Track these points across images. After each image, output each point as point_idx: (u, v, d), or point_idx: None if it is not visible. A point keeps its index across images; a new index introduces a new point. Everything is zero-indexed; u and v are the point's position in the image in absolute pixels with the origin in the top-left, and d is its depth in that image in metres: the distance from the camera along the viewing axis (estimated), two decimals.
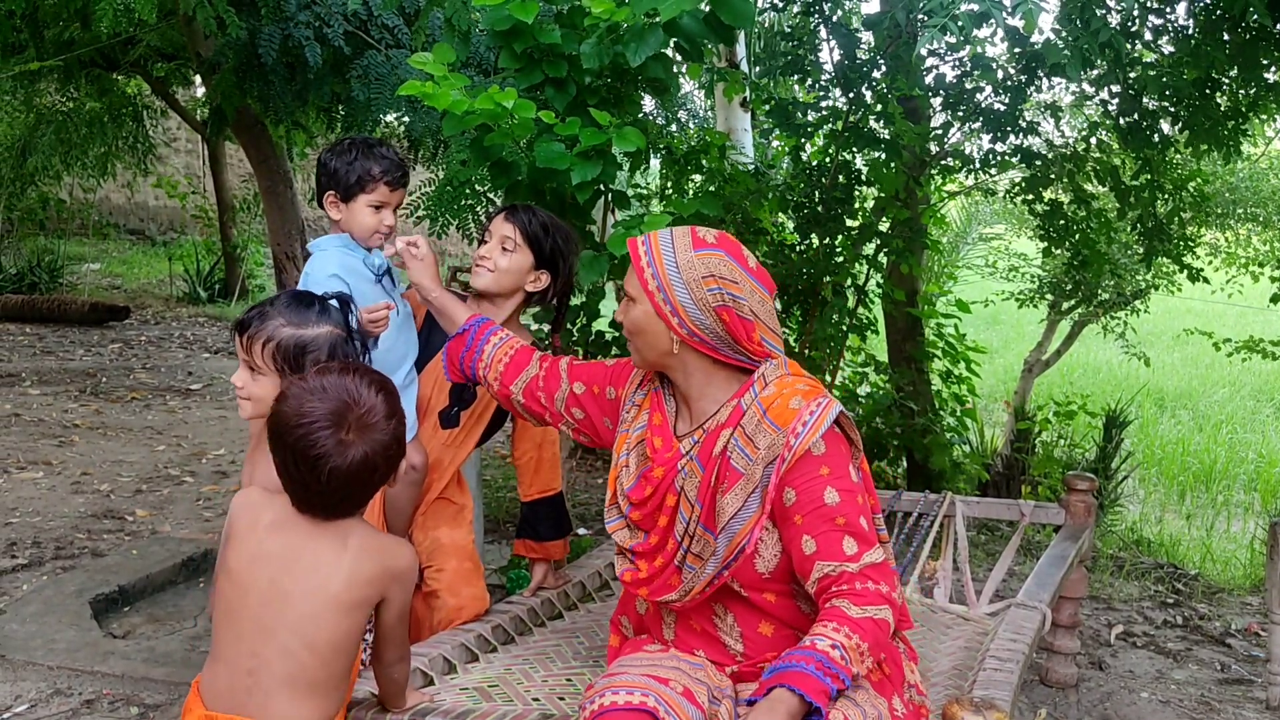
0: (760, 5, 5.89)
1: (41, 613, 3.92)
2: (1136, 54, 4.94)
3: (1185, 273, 6.00)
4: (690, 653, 2.17)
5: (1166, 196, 5.46)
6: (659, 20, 3.05)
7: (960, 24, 2.92)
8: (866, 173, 5.11)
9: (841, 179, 4.97)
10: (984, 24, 3.14)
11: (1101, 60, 4.19)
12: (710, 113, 9.11)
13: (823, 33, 5.32)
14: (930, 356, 6.26)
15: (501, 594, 3.73)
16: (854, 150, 5.04)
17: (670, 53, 3.40)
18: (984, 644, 2.78)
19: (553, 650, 2.67)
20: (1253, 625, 4.72)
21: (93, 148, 10.85)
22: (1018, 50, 4.75)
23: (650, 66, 3.15)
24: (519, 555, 2.98)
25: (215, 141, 11.96)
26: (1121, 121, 5.03)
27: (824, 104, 5.23)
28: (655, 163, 5.23)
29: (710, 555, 2.08)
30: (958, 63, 4.98)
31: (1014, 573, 4.64)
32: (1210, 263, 7.75)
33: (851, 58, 4.92)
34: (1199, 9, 4.68)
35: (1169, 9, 4.80)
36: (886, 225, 5.03)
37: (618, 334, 4.33)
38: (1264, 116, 5.32)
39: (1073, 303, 7.39)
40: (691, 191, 5.08)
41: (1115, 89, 5.04)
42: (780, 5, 5.78)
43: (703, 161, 4.87)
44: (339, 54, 5.48)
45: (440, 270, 2.67)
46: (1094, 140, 5.53)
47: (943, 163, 5.30)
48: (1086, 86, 5.52)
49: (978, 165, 5.12)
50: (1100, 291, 7.11)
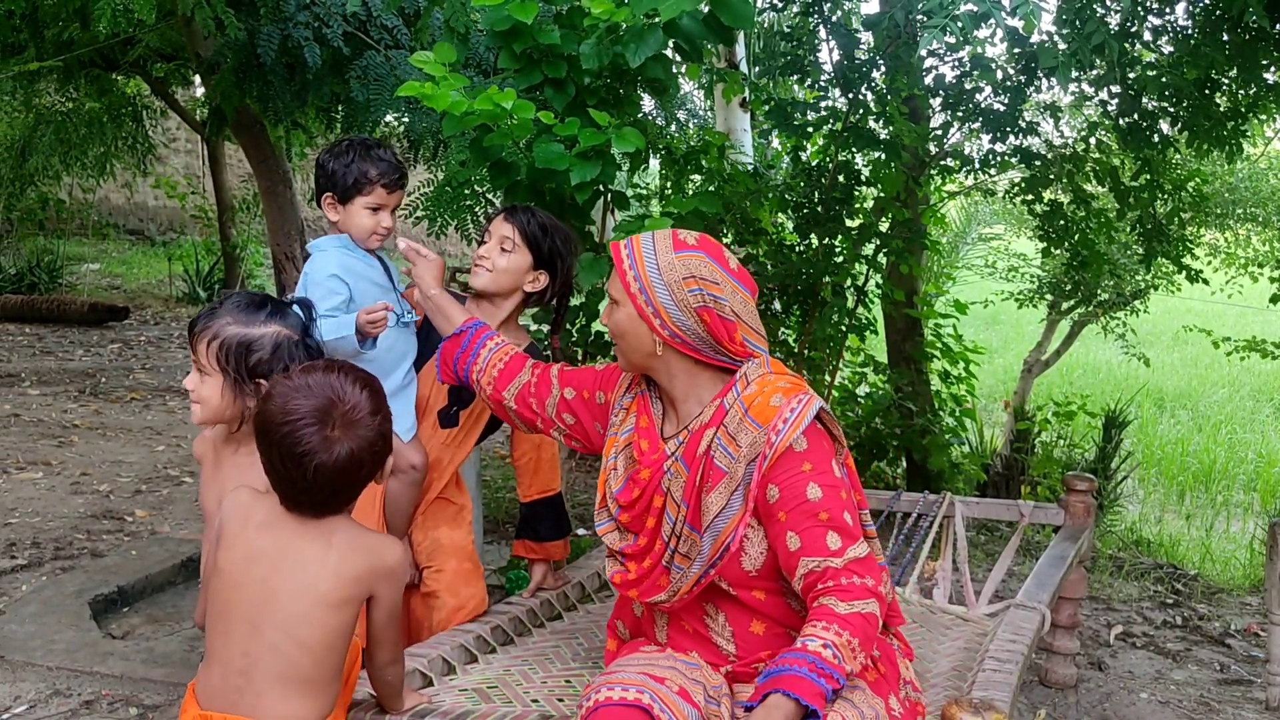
0: (760, 5, 5.89)
1: (41, 613, 3.92)
2: (1136, 54, 4.93)
3: (1185, 273, 6.00)
4: (685, 654, 2.18)
5: (1166, 197, 5.46)
6: (659, 21, 3.05)
7: (960, 24, 2.92)
8: (866, 173, 5.11)
9: (841, 179, 4.97)
10: (983, 25, 3.13)
11: (1100, 61, 4.19)
12: (710, 113, 9.11)
13: (822, 33, 5.32)
14: (929, 357, 6.26)
15: (501, 594, 3.73)
16: (853, 150, 5.03)
17: (670, 53, 3.39)
18: (983, 645, 2.78)
19: (552, 651, 2.67)
20: (1252, 625, 4.72)
21: (92, 148, 10.84)
22: (1017, 51, 4.74)
23: (650, 67, 3.15)
24: (518, 556, 2.98)
25: (215, 142, 11.94)
26: (1121, 122, 5.03)
27: (823, 104, 5.23)
28: (655, 163, 5.23)
29: (697, 555, 2.09)
30: (957, 63, 4.98)
31: (1013, 573, 4.64)
32: (1210, 263, 7.74)
33: (851, 58, 4.92)
34: (1198, 9, 4.68)
35: (1168, 9, 4.80)
36: (886, 225, 5.03)
37: None
38: (1263, 117, 5.32)
39: (1072, 303, 7.38)
40: (691, 191, 5.08)
41: (1115, 89, 5.03)
42: (780, 5, 5.78)
43: (702, 162, 4.87)
44: (338, 54, 5.47)
45: (443, 278, 2.67)
46: (1093, 140, 5.53)
47: (942, 163, 5.30)
48: (1086, 87, 5.51)
49: (977, 165, 5.12)
50: (1100, 292, 7.10)
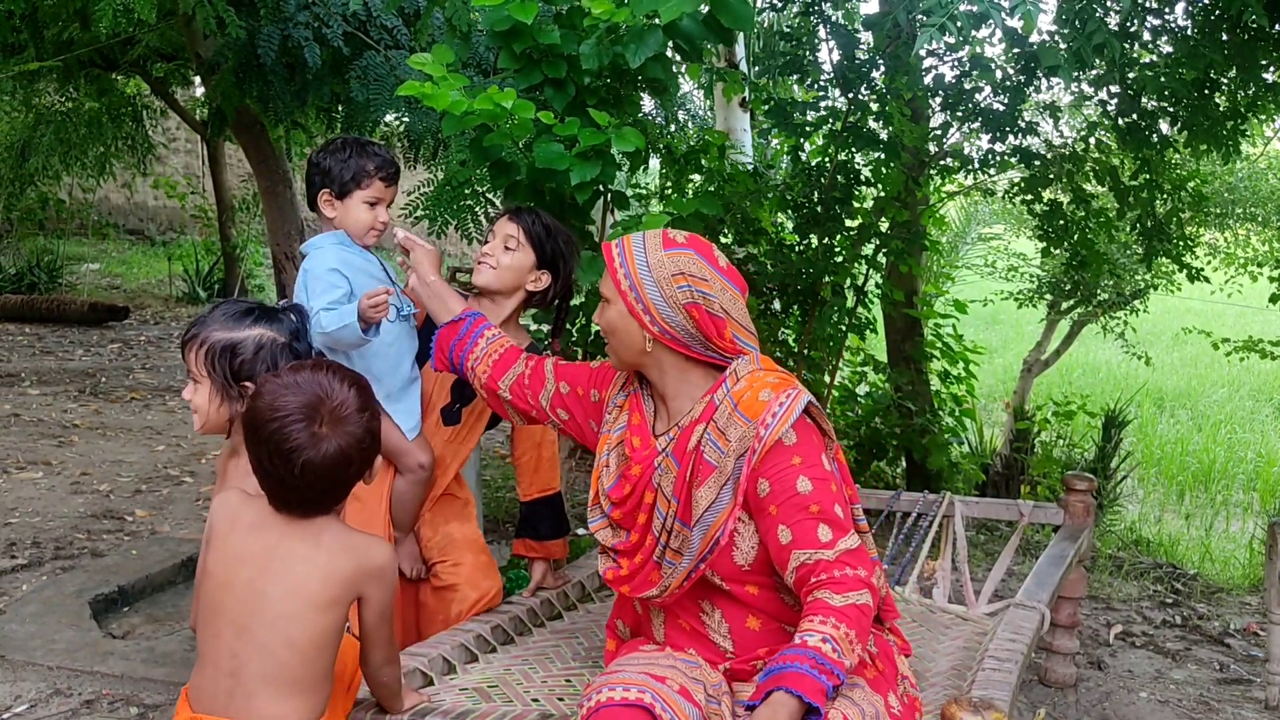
0: (759, 5, 5.89)
1: (41, 613, 3.92)
2: (1135, 54, 4.93)
3: (1184, 272, 6.00)
4: (683, 652, 2.18)
5: (1165, 196, 5.46)
6: (659, 22, 3.05)
7: (959, 24, 2.92)
8: (866, 173, 5.11)
9: (841, 179, 4.97)
10: (983, 25, 3.14)
11: (1099, 61, 4.19)
12: (709, 113, 9.11)
13: (822, 33, 5.32)
14: (929, 357, 6.27)
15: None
16: (853, 150, 5.04)
17: (669, 53, 3.40)
18: (983, 644, 2.78)
19: (552, 651, 2.67)
20: (1251, 625, 4.73)
21: (92, 148, 10.85)
22: (1016, 50, 4.74)
23: (650, 67, 3.15)
24: (519, 555, 2.99)
25: (214, 142, 11.95)
26: (1120, 122, 5.03)
27: (823, 104, 5.23)
28: (654, 163, 5.23)
29: (687, 549, 2.11)
30: (957, 63, 4.98)
31: (1013, 573, 4.64)
32: (1209, 263, 7.74)
33: (851, 58, 4.92)
34: (1197, 9, 4.68)
35: (1167, 9, 4.80)
36: (886, 225, 5.03)
37: None
38: (1262, 116, 5.32)
39: (1072, 302, 7.39)
40: (691, 191, 5.08)
41: (1114, 89, 5.04)
42: (779, 5, 5.78)
43: (702, 161, 4.88)
44: (338, 54, 5.48)
45: (440, 270, 2.68)
46: (1093, 140, 5.53)
47: (942, 163, 5.30)
48: (1085, 87, 5.51)
49: (977, 165, 5.12)
50: (1099, 291, 7.11)
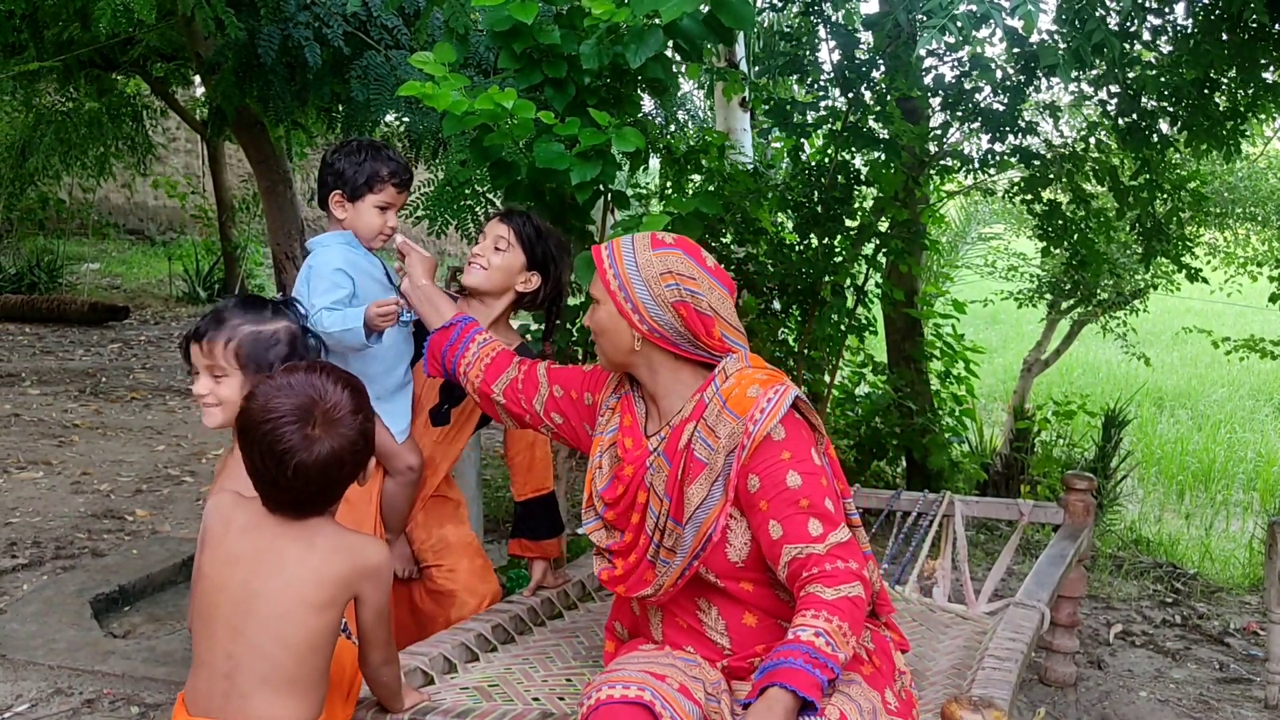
0: (759, 5, 5.89)
1: (42, 612, 3.92)
2: (1135, 54, 4.93)
3: (1184, 272, 6.01)
4: (681, 650, 2.19)
5: (1165, 196, 5.46)
6: (659, 22, 3.05)
7: (959, 25, 2.92)
8: (866, 173, 5.11)
9: (841, 179, 4.97)
10: (983, 25, 3.14)
11: (1099, 60, 4.19)
12: (709, 112, 9.11)
13: (822, 33, 5.33)
14: (929, 356, 6.27)
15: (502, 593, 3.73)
16: (853, 150, 5.04)
17: (669, 53, 3.40)
18: (983, 643, 2.79)
19: (552, 650, 2.67)
20: (1251, 624, 4.73)
21: (92, 148, 10.85)
22: (1016, 50, 4.74)
23: (650, 67, 3.16)
24: (514, 554, 2.99)
25: (214, 141, 11.96)
26: (1120, 121, 5.03)
27: (823, 104, 5.23)
28: (654, 163, 5.24)
29: (681, 548, 2.12)
30: (957, 63, 4.98)
31: (1013, 572, 4.65)
32: (1209, 262, 7.75)
33: (851, 58, 4.92)
34: (1198, 9, 4.68)
35: (1168, 9, 4.80)
36: (885, 225, 5.03)
37: None
38: (1263, 116, 5.32)
39: (1072, 302, 7.39)
40: (690, 191, 5.08)
41: (1114, 89, 5.04)
42: (779, 5, 5.78)
43: (702, 161, 4.88)
44: (338, 54, 5.48)
45: (440, 270, 2.69)
46: (1093, 140, 5.53)
47: (942, 163, 5.30)
48: (1085, 86, 5.51)
49: (976, 165, 5.12)
50: (1099, 291, 7.12)
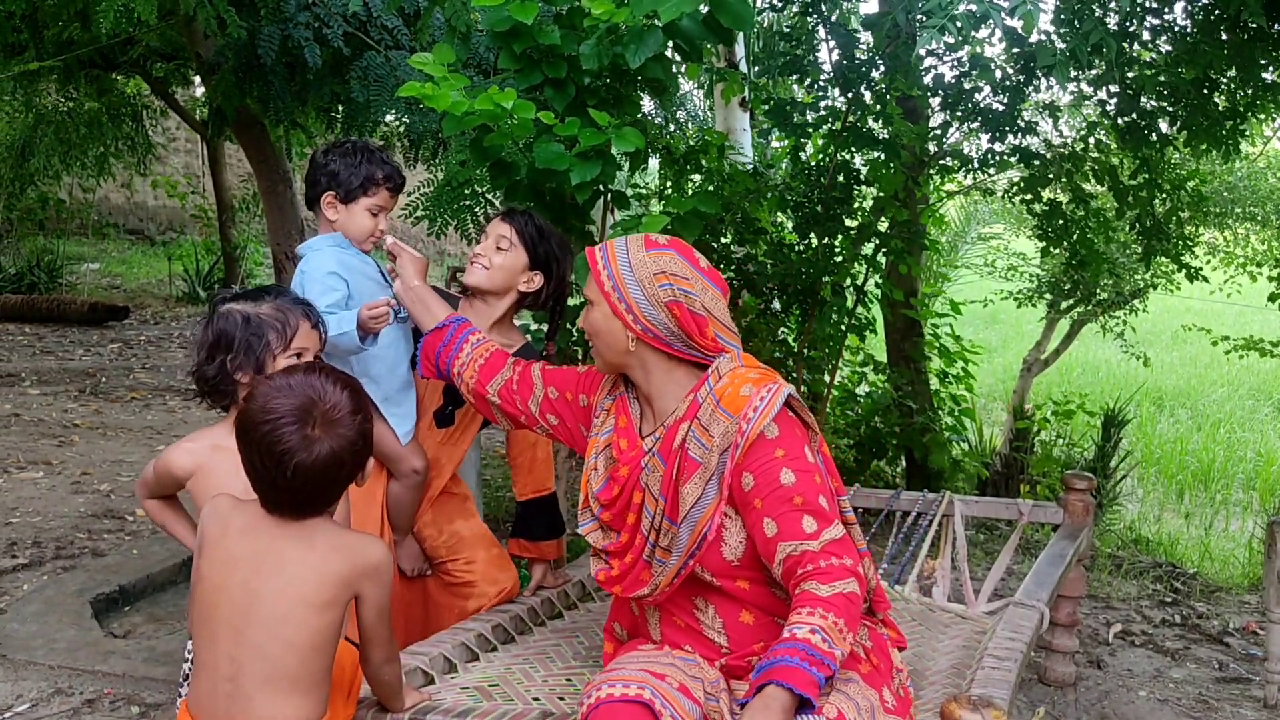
0: (759, 5, 5.89)
1: (42, 612, 3.93)
2: (1134, 54, 4.94)
3: (1184, 272, 6.01)
4: (680, 649, 2.20)
5: (1165, 196, 5.47)
6: (659, 22, 3.06)
7: (958, 25, 2.93)
8: (865, 173, 5.12)
9: (840, 179, 4.97)
10: (982, 25, 3.14)
11: (1098, 60, 4.20)
12: (709, 112, 9.11)
13: (821, 33, 5.33)
14: (928, 356, 6.27)
15: None
16: (853, 150, 5.04)
17: (669, 53, 3.40)
18: (982, 643, 2.79)
19: (552, 650, 2.68)
20: (1251, 624, 4.74)
21: (92, 148, 10.86)
22: (1016, 50, 4.75)
23: (649, 67, 3.16)
24: (514, 555, 3.00)
25: (215, 141, 11.96)
26: (1120, 121, 5.03)
27: (822, 104, 5.23)
28: (654, 163, 5.24)
29: (676, 547, 2.12)
30: (956, 63, 4.99)
31: (1012, 572, 4.65)
32: (1208, 262, 7.75)
33: (850, 58, 4.92)
34: (1196, 9, 4.69)
35: (1166, 9, 4.80)
36: (885, 225, 5.04)
37: None
38: (1261, 116, 5.32)
39: (1071, 302, 7.40)
40: (690, 191, 5.08)
41: (1113, 89, 5.04)
42: (779, 5, 5.78)
43: (702, 161, 4.88)
44: (338, 55, 5.48)
45: (440, 270, 2.69)
46: (1092, 140, 5.53)
47: (941, 163, 5.30)
48: (1085, 86, 5.52)
49: (976, 165, 5.12)
50: (1099, 291, 7.12)
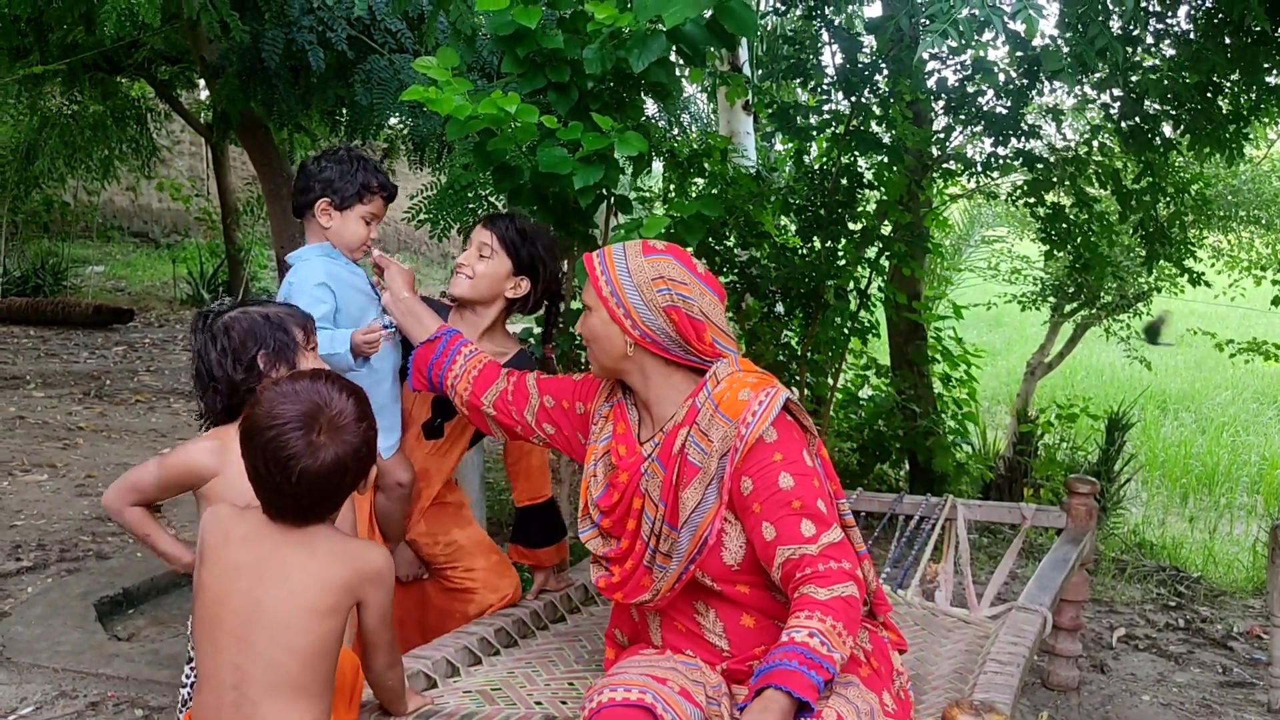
0: (763, 9, 5.90)
1: (46, 615, 3.93)
2: (1138, 58, 4.94)
3: (1187, 276, 6.01)
4: (681, 654, 2.20)
5: (1168, 200, 5.47)
6: (662, 27, 3.06)
7: (961, 29, 2.93)
8: (869, 176, 5.12)
9: (844, 182, 4.98)
10: (985, 29, 3.14)
11: (1102, 64, 4.20)
12: (712, 116, 9.12)
13: (825, 36, 5.33)
14: (932, 360, 6.27)
15: None
16: (856, 154, 5.04)
17: (673, 58, 3.41)
18: (985, 647, 2.79)
19: (555, 654, 2.68)
20: (1254, 628, 4.73)
21: (96, 151, 10.89)
22: (1019, 54, 4.75)
23: (653, 72, 3.16)
24: (513, 560, 3.00)
25: (219, 145, 11.99)
26: (1123, 125, 5.03)
27: (826, 108, 5.24)
28: (658, 166, 5.25)
29: (676, 552, 2.13)
30: (959, 66, 4.99)
31: (1015, 576, 4.65)
32: (1212, 266, 7.75)
33: (854, 62, 4.92)
34: (1199, 13, 4.69)
35: (1170, 13, 4.80)
36: (889, 229, 5.04)
37: None
38: (1265, 120, 5.32)
39: (1075, 305, 7.39)
40: (694, 194, 5.09)
41: (1117, 92, 5.04)
42: (782, 10, 5.79)
43: (705, 165, 4.88)
44: (342, 58, 5.50)
45: (445, 273, 2.69)
46: (1096, 143, 5.53)
47: (945, 166, 5.30)
48: (1088, 90, 5.52)
49: (979, 168, 5.12)
50: (1102, 294, 7.11)
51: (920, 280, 6.23)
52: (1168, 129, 5.02)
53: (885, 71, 4.85)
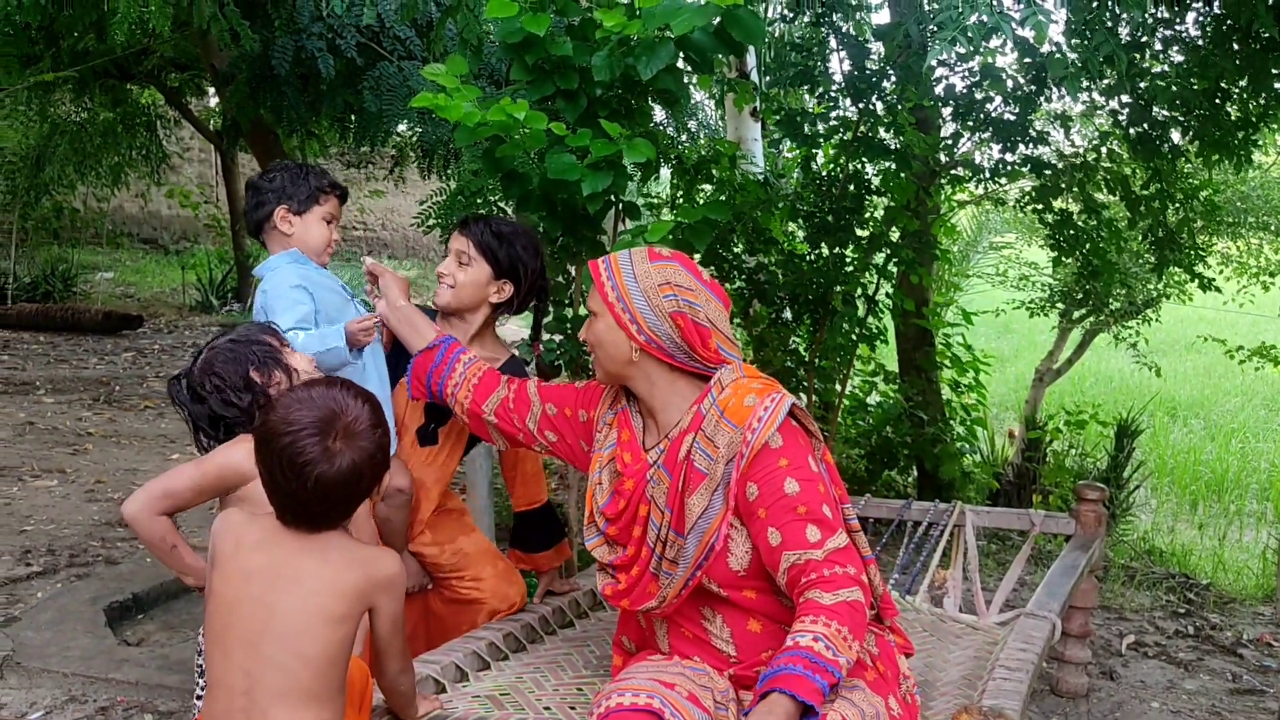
0: (770, 16, 5.91)
1: (56, 620, 3.94)
2: (1146, 64, 4.94)
3: (1196, 282, 5.99)
4: (689, 660, 2.20)
5: (1177, 206, 5.46)
6: (671, 35, 3.07)
7: (969, 36, 2.93)
8: (877, 182, 5.12)
9: (852, 189, 4.98)
10: (993, 36, 3.14)
11: (1110, 71, 4.20)
12: (720, 122, 9.13)
13: (833, 43, 5.34)
14: (940, 366, 6.26)
15: None
16: (864, 160, 5.05)
17: (681, 65, 3.41)
18: (994, 653, 2.78)
19: (564, 659, 2.68)
20: (1264, 635, 4.71)
21: (106, 157, 10.95)
22: (1027, 60, 4.75)
23: (661, 79, 3.17)
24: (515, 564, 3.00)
25: (229, 151, 12.04)
26: (1131, 131, 5.03)
27: (834, 114, 5.24)
28: (666, 173, 5.25)
29: (682, 559, 2.13)
30: (968, 73, 4.99)
31: (1024, 582, 4.64)
32: (1221, 272, 7.73)
33: (861, 68, 4.93)
34: (1208, 20, 4.69)
35: (1178, 20, 4.80)
36: (896, 235, 5.04)
37: None
38: (1274, 126, 5.31)
39: (1083, 312, 7.37)
40: (701, 201, 5.09)
41: (1125, 99, 5.04)
42: (790, 17, 5.80)
43: (713, 171, 4.89)
44: (351, 65, 5.52)
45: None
46: (1104, 150, 5.52)
47: (953, 172, 5.30)
48: (1096, 96, 5.51)
49: (988, 175, 5.12)
50: (1111, 300, 7.10)
51: (928, 287, 6.23)
52: (1176, 135, 5.02)
53: (893, 78, 4.86)
